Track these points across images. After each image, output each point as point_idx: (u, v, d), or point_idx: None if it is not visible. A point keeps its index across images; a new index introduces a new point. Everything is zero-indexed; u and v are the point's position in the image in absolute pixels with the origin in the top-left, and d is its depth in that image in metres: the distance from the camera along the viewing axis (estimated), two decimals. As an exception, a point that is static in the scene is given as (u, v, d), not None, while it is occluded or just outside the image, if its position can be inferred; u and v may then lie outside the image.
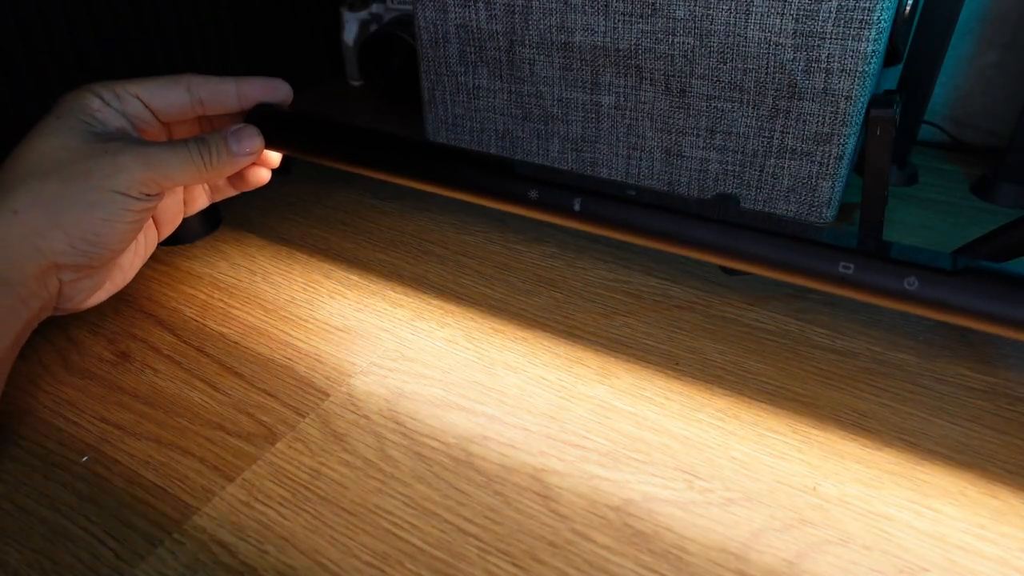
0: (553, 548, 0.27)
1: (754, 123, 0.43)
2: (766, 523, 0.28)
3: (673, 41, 0.43)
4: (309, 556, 0.27)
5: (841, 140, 0.41)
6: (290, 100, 0.39)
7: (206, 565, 0.27)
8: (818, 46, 0.39)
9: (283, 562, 0.27)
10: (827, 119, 0.41)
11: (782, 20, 0.40)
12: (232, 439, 0.32)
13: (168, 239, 0.39)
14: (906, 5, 0.41)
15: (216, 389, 0.35)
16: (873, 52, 0.39)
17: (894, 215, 0.50)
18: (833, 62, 0.39)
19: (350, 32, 0.73)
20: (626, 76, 0.46)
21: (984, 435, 0.32)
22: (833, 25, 0.39)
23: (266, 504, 0.29)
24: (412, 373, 0.36)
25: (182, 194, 0.38)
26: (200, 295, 0.42)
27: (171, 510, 0.29)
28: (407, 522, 0.28)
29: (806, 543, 0.27)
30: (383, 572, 0.26)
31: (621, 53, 0.45)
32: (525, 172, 0.32)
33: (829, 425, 0.32)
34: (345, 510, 0.29)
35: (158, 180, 0.32)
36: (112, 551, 0.27)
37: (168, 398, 0.35)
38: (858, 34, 0.38)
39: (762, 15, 0.40)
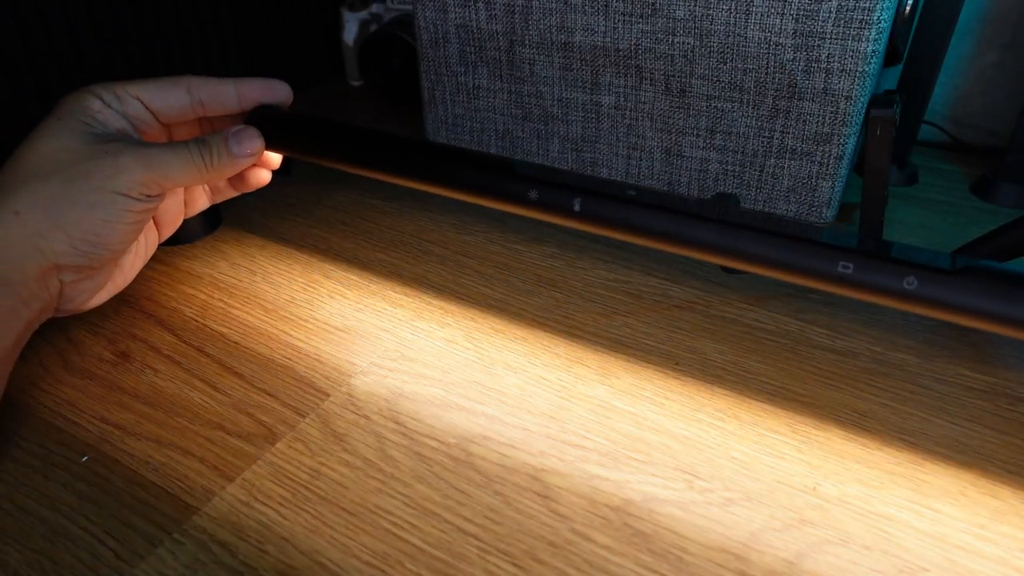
0: (553, 548, 0.27)
1: (754, 123, 0.43)
2: (766, 523, 0.28)
3: (673, 41, 0.43)
4: (309, 556, 0.27)
5: (841, 140, 0.41)
6: (290, 101, 0.39)
7: (206, 565, 0.27)
8: (818, 46, 0.39)
9: (283, 562, 0.27)
10: (827, 119, 0.41)
11: (782, 20, 0.40)
12: (232, 439, 0.32)
13: (168, 239, 0.39)
14: (906, 5, 0.41)
15: (216, 389, 0.35)
16: (873, 52, 0.39)
17: (894, 215, 0.50)
18: (833, 62, 0.39)
19: (350, 32, 0.73)
20: (626, 76, 0.46)
21: (984, 435, 0.32)
22: (833, 25, 0.39)
23: (266, 504, 0.29)
24: (412, 373, 0.36)
25: (183, 195, 0.38)
26: (200, 295, 0.42)
27: (171, 510, 0.29)
28: (407, 522, 0.28)
29: (806, 543, 0.27)
30: (383, 572, 0.26)
31: (621, 53, 0.45)
32: (525, 172, 0.32)
33: (829, 425, 0.32)
34: (345, 510, 0.29)
35: (159, 181, 0.32)
36: (112, 551, 0.27)
37: (168, 398, 0.35)
38: (858, 34, 0.38)
39: (762, 15, 0.40)
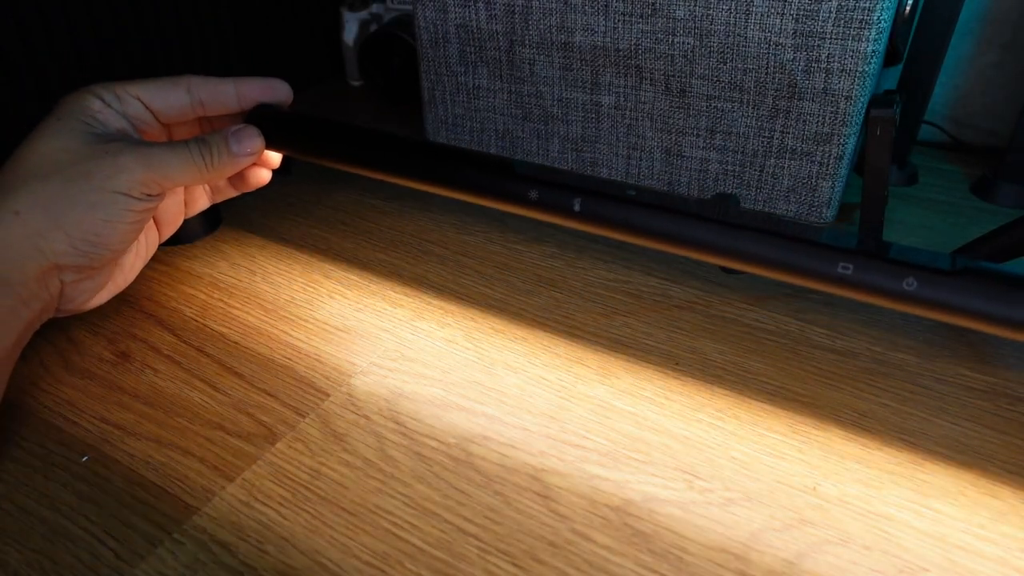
0: (553, 548, 0.27)
1: (754, 123, 0.43)
2: (766, 523, 0.28)
3: (673, 41, 0.43)
4: (309, 556, 0.27)
5: (841, 140, 0.41)
6: (290, 100, 0.39)
7: (206, 565, 0.27)
8: (818, 46, 0.39)
9: (283, 562, 0.27)
10: (827, 119, 0.41)
11: (782, 20, 0.40)
12: (232, 439, 0.32)
13: (168, 239, 0.39)
14: (906, 5, 0.41)
15: (216, 389, 0.35)
16: (873, 52, 0.39)
17: (894, 215, 0.50)
18: (833, 62, 0.39)
19: (350, 32, 0.73)
20: (626, 76, 0.46)
21: (984, 435, 0.32)
22: (833, 25, 0.39)
23: (266, 504, 0.29)
24: (412, 373, 0.36)
25: (183, 195, 0.38)
26: (200, 295, 0.42)
27: (171, 510, 0.29)
28: (407, 522, 0.28)
29: (806, 543, 0.27)
30: (383, 572, 0.26)
31: (621, 53, 0.45)
32: (525, 172, 0.32)
33: (829, 425, 0.32)
34: (345, 510, 0.29)
35: (159, 180, 0.32)
36: (112, 551, 0.27)
37: (168, 398, 0.35)
38: (858, 34, 0.38)
39: (762, 15, 0.40)
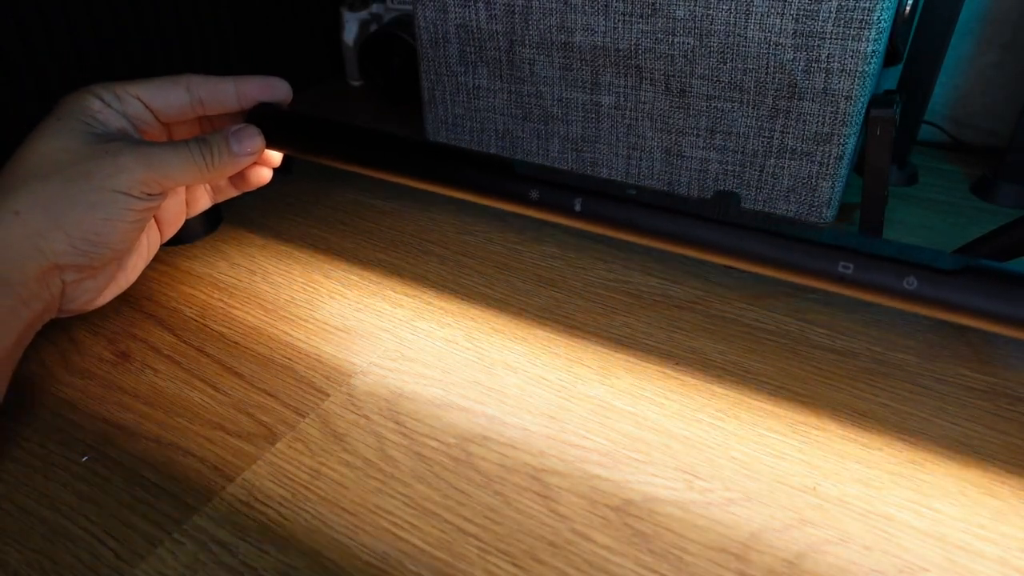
0: (553, 548, 0.27)
1: (754, 123, 0.43)
2: (766, 523, 0.28)
3: (673, 41, 0.43)
4: (309, 556, 0.27)
5: (841, 140, 0.41)
6: (289, 99, 0.39)
7: (206, 565, 0.27)
8: (818, 46, 0.39)
9: (283, 562, 0.27)
10: (827, 119, 0.41)
11: (782, 20, 0.40)
12: (232, 439, 0.32)
13: (169, 239, 0.39)
14: (906, 5, 0.41)
15: (216, 389, 0.35)
16: (873, 52, 0.39)
17: (894, 215, 0.50)
18: (833, 62, 0.39)
19: (350, 32, 0.73)
20: (626, 76, 0.46)
21: (984, 435, 0.32)
22: (833, 25, 0.39)
23: (266, 504, 0.29)
24: (412, 373, 0.36)
25: (184, 195, 0.38)
26: (200, 295, 0.42)
27: (171, 510, 0.29)
28: (407, 522, 0.28)
29: (806, 543, 0.27)
30: (383, 572, 0.26)
31: (621, 53, 0.45)
32: (526, 172, 0.32)
33: (829, 425, 0.32)
34: (345, 510, 0.29)
35: (159, 180, 0.32)
36: (112, 551, 0.27)
37: (168, 398, 0.35)
38: (858, 34, 0.38)
39: (762, 15, 0.40)
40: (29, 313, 0.30)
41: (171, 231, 0.38)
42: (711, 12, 0.41)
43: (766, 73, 0.41)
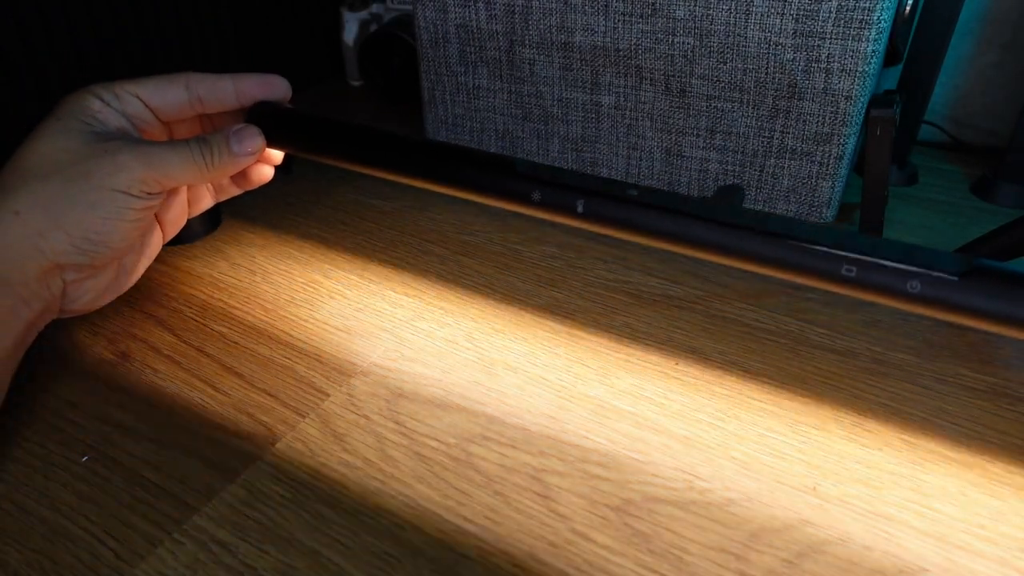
0: (553, 548, 0.27)
1: (754, 123, 0.43)
2: (766, 523, 0.28)
3: (673, 41, 0.43)
4: (309, 556, 0.27)
5: (841, 140, 0.41)
6: (288, 96, 0.39)
7: (206, 565, 0.27)
8: (818, 46, 0.39)
9: (283, 562, 0.27)
10: (827, 119, 0.41)
11: (782, 20, 0.40)
12: (232, 439, 0.32)
13: (169, 239, 0.39)
14: (906, 5, 0.41)
15: (216, 389, 0.35)
16: (873, 52, 0.39)
17: (894, 215, 0.50)
18: (833, 62, 0.39)
19: (350, 32, 0.73)
20: (626, 76, 0.46)
21: (984, 435, 0.32)
22: (833, 25, 0.39)
23: (266, 504, 0.29)
24: (412, 373, 0.36)
25: (186, 194, 0.38)
26: (200, 295, 0.42)
27: (171, 510, 0.29)
28: (407, 522, 0.28)
29: (806, 543, 0.27)
30: (383, 572, 0.26)
31: (621, 53, 0.45)
32: (527, 171, 0.32)
33: (829, 425, 0.32)
34: (345, 510, 0.29)
35: (158, 179, 0.32)
36: (112, 551, 0.27)
37: (168, 398, 0.35)
38: (858, 34, 0.38)
39: (762, 15, 0.40)
40: (30, 313, 0.30)
41: (173, 230, 0.38)
42: (711, 12, 0.41)
43: (766, 73, 0.41)
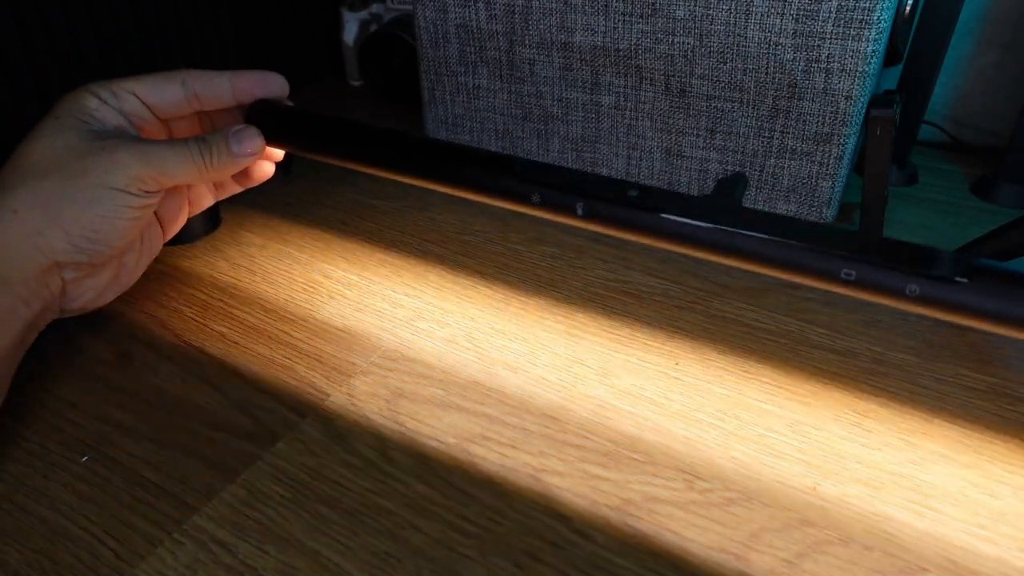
0: (553, 548, 0.27)
1: (754, 123, 0.43)
2: (766, 523, 0.28)
3: (673, 41, 0.43)
4: (309, 556, 0.27)
5: (841, 140, 0.41)
6: (286, 93, 0.38)
7: (206, 565, 0.27)
8: (818, 46, 0.39)
9: (283, 562, 0.27)
10: (827, 119, 0.41)
11: (782, 20, 0.40)
12: (232, 439, 0.32)
13: (169, 239, 0.39)
14: (906, 5, 0.41)
15: (216, 389, 0.35)
16: (873, 52, 0.39)
17: (894, 215, 0.50)
18: (833, 62, 0.39)
19: (350, 32, 0.73)
20: (626, 76, 0.46)
21: (984, 435, 0.32)
22: (833, 25, 0.39)
23: (266, 504, 0.29)
24: (412, 373, 0.36)
25: (186, 193, 0.38)
26: (200, 295, 0.42)
27: (171, 510, 0.29)
28: (407, 522, 0.28)
29: (806, 543, 0.27)
30: (383, 572, 0.26)
31: (621, 53, 0.45)
32: (528, 170, 0.32)
33: (829, 425, 0.32)
34: (345, 510, 0.29)
35: (156, 177, 0.32)
36: (112, 551, 0.27)
37: (168, 398, 0.35)
38: (858, 34, 0.38)
39: (762, 15, 0.40)
40: (29, 312, 0.30)
41: (173, 229, 0.38)
42: (711, 12, 0.41)
43: (766, 73, 0.41)
